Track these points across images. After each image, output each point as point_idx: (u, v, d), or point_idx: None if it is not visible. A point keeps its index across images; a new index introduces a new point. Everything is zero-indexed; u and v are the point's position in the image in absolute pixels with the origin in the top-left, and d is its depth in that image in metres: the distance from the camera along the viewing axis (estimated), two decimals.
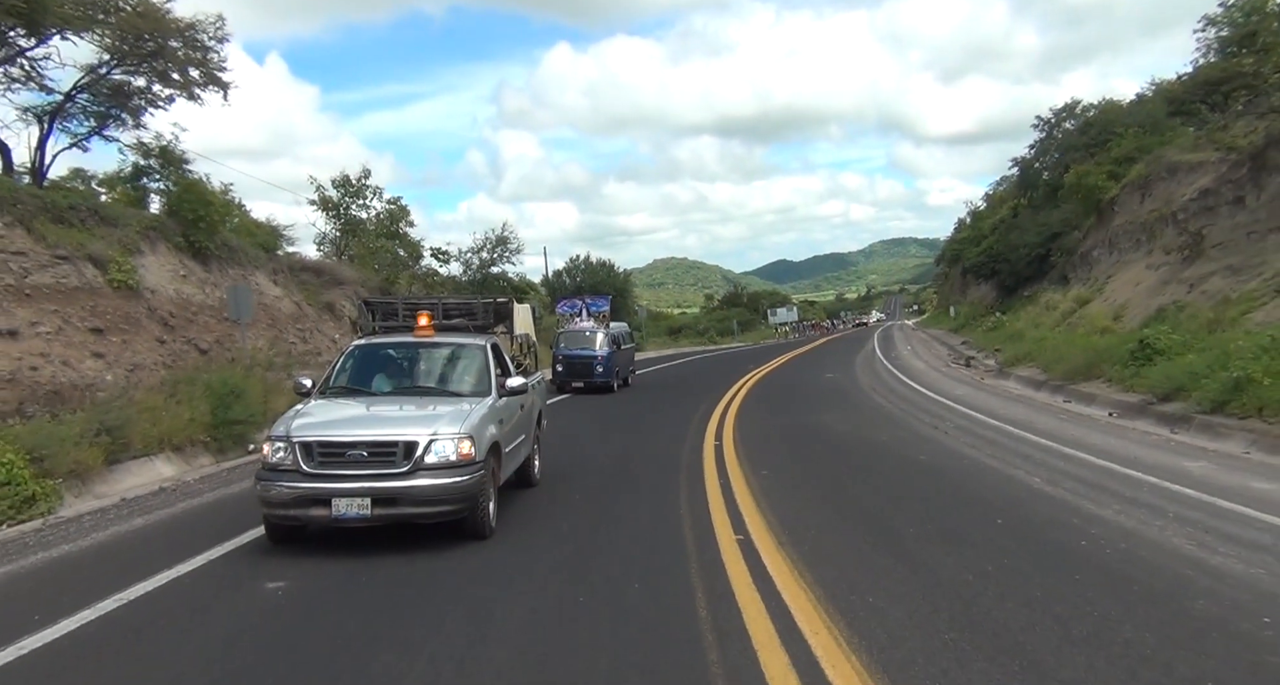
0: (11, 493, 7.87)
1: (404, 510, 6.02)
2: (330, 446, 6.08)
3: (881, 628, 4.39)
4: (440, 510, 6.07)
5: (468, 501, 6.14)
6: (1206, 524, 6.37)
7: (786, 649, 4.12)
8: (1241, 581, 5.00)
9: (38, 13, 12.18)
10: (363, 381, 7.43)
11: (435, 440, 6.08)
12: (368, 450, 6.06)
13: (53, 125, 15.55)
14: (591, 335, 20.37)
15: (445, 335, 8.03)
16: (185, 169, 17.98)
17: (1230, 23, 23.39)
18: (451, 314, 8.56)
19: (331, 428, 6.32)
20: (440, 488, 6.00)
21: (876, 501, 7.73)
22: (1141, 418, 12.49)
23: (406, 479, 5.98)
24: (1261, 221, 18.42)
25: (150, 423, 10.28)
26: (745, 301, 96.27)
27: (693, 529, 6.68)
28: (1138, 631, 4.23)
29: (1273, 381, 10.53)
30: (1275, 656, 3.90)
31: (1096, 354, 16.79)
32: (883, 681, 3.72)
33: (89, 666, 4.26)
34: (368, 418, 6.72)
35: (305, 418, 6.45)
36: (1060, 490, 7.81)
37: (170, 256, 15.25)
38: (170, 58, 15.59)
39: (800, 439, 11.99)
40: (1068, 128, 39.49)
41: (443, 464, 6.05)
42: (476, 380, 7.34)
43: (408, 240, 33.34)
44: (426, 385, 7.47)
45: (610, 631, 4.51)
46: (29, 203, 12.26)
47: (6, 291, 10.95)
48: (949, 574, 5.34)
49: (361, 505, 5.91)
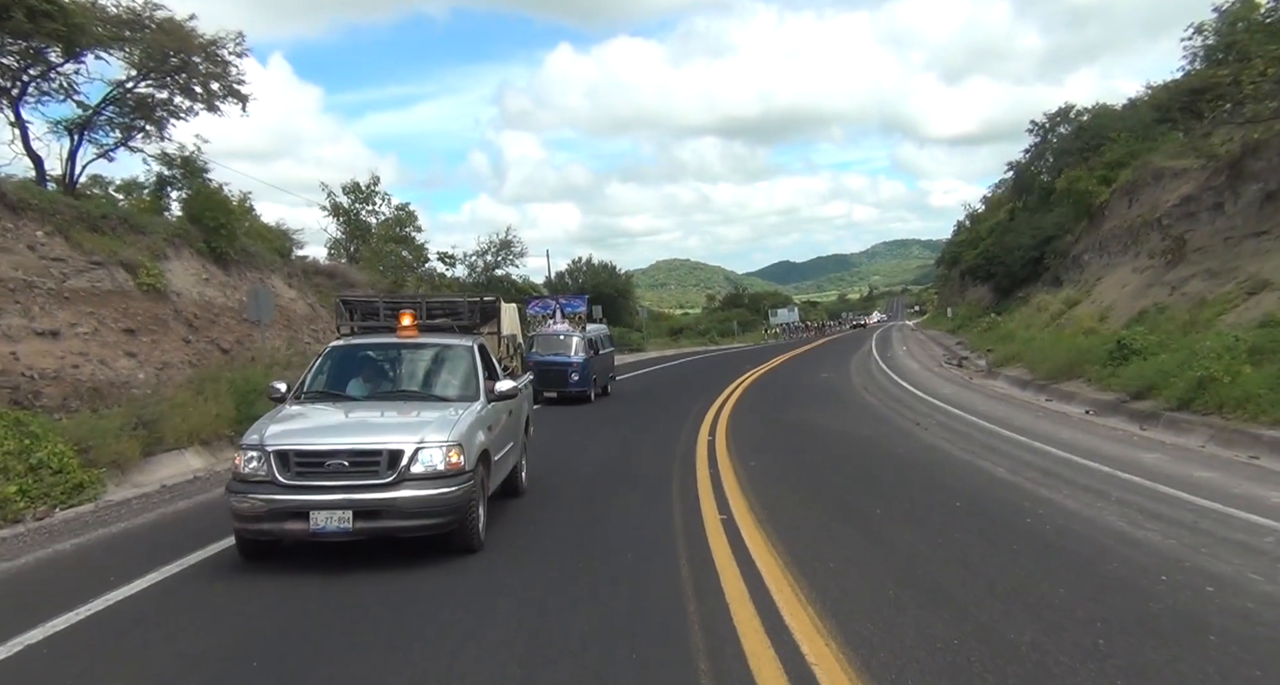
0: (63, 480, 8.64)
1: (388, 524, 5.65)
2: (308, 456, 5.70)
3: (836, 585, 5.15)
4: (427, 523, 5.72)
5: (456, 514, 5.80)
6: (1142, 505, 7.11)
7: (754, 601, 4.88)
8: (1154, 550, 5.75)
9: (75, 34, 13.05)
10: (341, 385, 7.03)
11: (422, 448, 5.73)
12: (349, 459, 5.68)
13: (83, 137, 16.42)
14: (566, 339, 18.60)
15: (429, 336, 7.60)
16: (205, 178, 18.84)
17: (1216, 31, 24.07)
18: (435, 313, 8.16)
19: (309, 435, 6.01)
20: (427, 499, 5.66)
21: (850, 488, 8.49)
22: (1115, 415, 13.20)
23: (391, 490, 5.62)
24: (1238, 227, 19.14)
25: (180, 418, 11.04)
26: (746, 302, 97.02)
27: (682, 513, 7.44)
28: (1052, 587, 4.98)
29: (1233, 380, 11.25)
30: (1158, 604, 4.65)
31: (1079, 354, 17.48)
32: (831, 624, 4.47)
33: (162, 607, 5.04)
34: (348, 424, 6.33)
35: (280, 424, 6.09)
36: (1019, 478, 8.55)
37: (193, 261, 16.08)
38: (193, 72, 16.46)
39: (788, 435, 12.74)
40: (1062, 132, 40.18)
41: (430, 474, 5.71)
42: (463, 384, 6.97)
43: (414, 243, 34.27)
44: (410, 389, 7.10)
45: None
46: (66, 212, 13.08)
47: (49, 295, 11.76)
48: (903, 545, 6.10)
49: (342, 519, 5.54)
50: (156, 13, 15.68)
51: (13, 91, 15.01)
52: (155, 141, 17.67)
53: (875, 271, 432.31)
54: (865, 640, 4.21)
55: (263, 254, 19.44)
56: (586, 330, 19.46)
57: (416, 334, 7.48)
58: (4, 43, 13.43)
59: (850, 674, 3.81)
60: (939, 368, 27.59)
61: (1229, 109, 19.68)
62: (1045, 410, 14.73)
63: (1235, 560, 5.43)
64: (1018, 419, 13.50)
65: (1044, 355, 19.37)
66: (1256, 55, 17.46)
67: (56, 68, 15.10)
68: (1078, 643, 4.11)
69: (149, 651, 4.46)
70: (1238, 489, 7.63)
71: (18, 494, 7.91)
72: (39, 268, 11.96)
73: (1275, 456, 9.02)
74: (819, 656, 4.02)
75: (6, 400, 9.85)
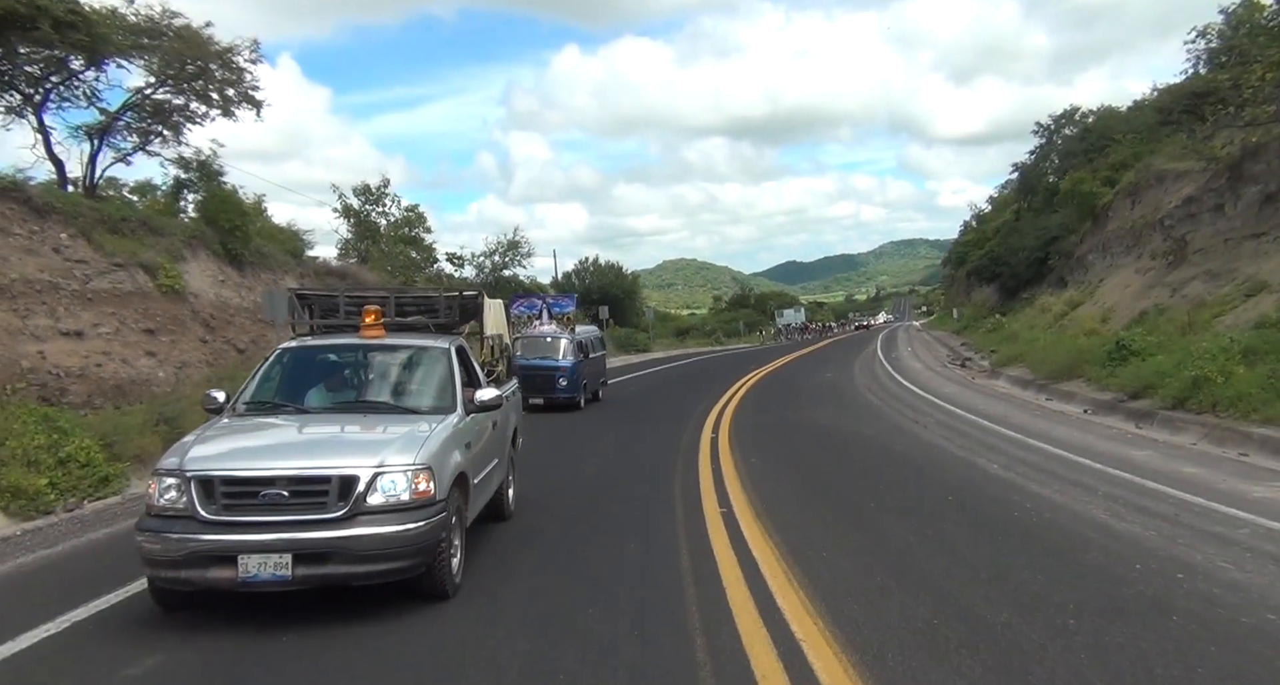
0: (90, 473, 9.01)
1: (338, 570, 4.61)
2: (238, 483, 4.67)
3: (828, 572, 5.46)
4: (388, 568, 4.69)
5: (424, 555, 4.77)
6: (1127, 499, 7.38)
7: (749, 586, 5.19)
8: (1133, 541, 6.03)
9: (98, 44, 13.49)
10: (291, 395, 6.02)
11: (382, 473, 4.73)
12: (289, 488, 4.64)
13: (102, 142, 16.87)
14: (553, 342, 17.26)
15: (399, 336, 6.64)
16: (221, 181, 19.30)
17: (1220, 35, 24.26)
18: (407, 310, 7.21)
19: (241, 457, 4.94)
20: (388, 538, 4.63)
21: (847, 482, 8.80)
22: (1112, 414, 13.44)
23: (342, 527, 4.60)
24: (1238, 229, 19.35)
25: (200, 415, 11.42)
26: (753, 303, 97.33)
27: (684, 504, 7.75)
28: (1032, 574, 5.28)
29: (1226, 380, 11.50)
30: (1129, 589, 4.94)
31: (1079, 354, 17.71)
32: (820, 606, 4.78)
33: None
34: (291, 444, 5.28)
35: (207, 444, 5.04)
36: (1012, 474, 8.82)
37: (210, 263, 16.50)
38: (209, 79, 16.91)
39: (790, 434, 13.03)
40: (1068, 134, 40.36)
41: (392, 506, 4.70)
42: (438, 393, 5.98)
43: (422, 244, 34.79)
44: (373, 400, 6.09)
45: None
46: (88, 215, 13.51)
47: (73, 297, 12.18)
48: (894, 536, 6.40)
49: (279, 564, 4.52)
50: (174, 21, 16.14)
51: (35, 98, 15.47)
52: (172, 146, 18.17)
53: (883, 271, 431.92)
54: (851, 620, 4.52)
55: (276, 255, 19.87)
56: (576, 332, 18.17)
57: (383, 334, 6.48)
58: (30, 52, 13.87)
59: (834, 648, 4.12)
60: (942, 368, 27.82)
61: (1230, 112, 19.90)
62: (1044, 409, 14.97)
63: (1209, 550, 5.70)
64: (1016, 417, 13.76)
65: (1045, 356, 19.59)
66: (1256, 60, 17.69)
67: (79, 75, 15.57)
68: (1049, 623, 4.40)
69: (194, 618, 4.81)
70: (1222, 484, 7.89)
71: (48, 486, 8.27)
72: (63, 270, 12.37)
73: (1264, 453, 9.26)
74: (807, 633, 4.33)
75: (35, 397, 10.24)
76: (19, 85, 15.07)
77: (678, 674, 3.93)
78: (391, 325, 6.80)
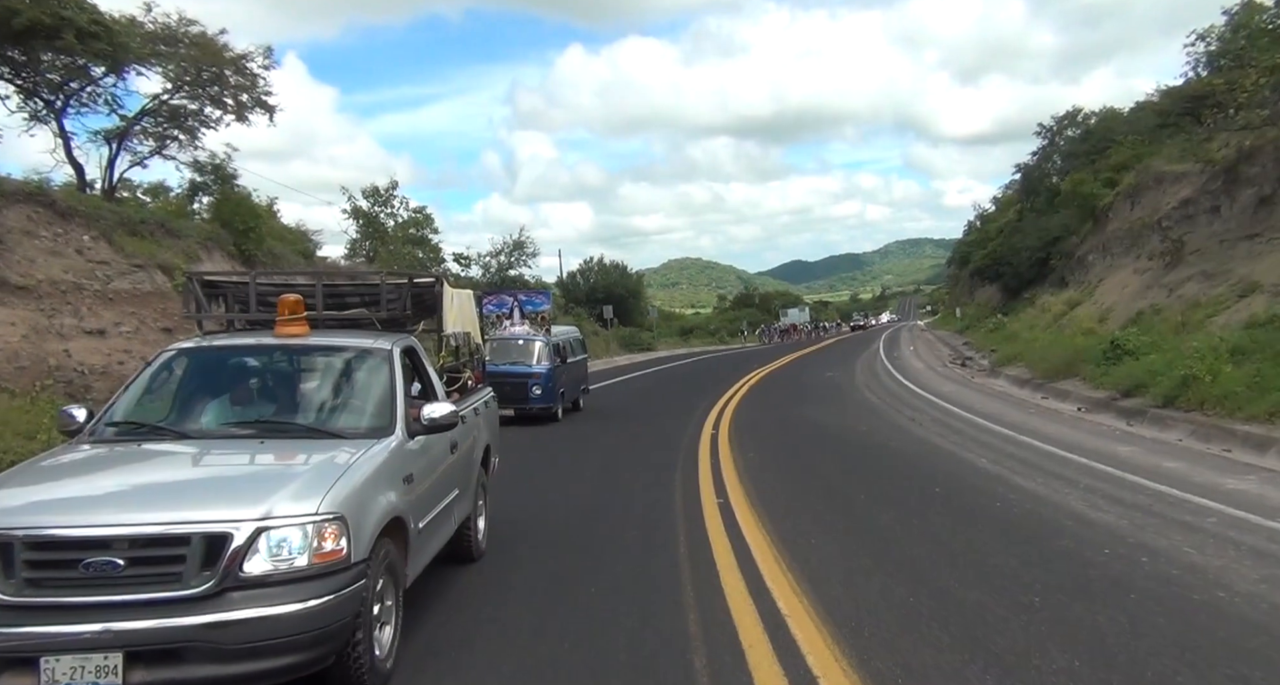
0: None
1: (196, 673, 3.19)
2: (51, 546, 3.28)
3: (816, 558, 5.83)
4: (275, 666, 3.27)
5: (330, 642, 3.41)
6: (1105, 491, 7.74)
7: (741, 570, 5.57)
8: (1106, 529, 6.39)
9: (120, 53, 13.95)
10: (172, 414, 4.66)
11: (269, 528, 3.35)
12: (130, 552, 3.25)
13: (120, 146, 17.36)
14: (526, 345, 15.18)
15: (327, 335, 5.26)
16: (235, 184, 19.79)
17: (1219, 37, 24.56)
18: (344, 301, 5.86)
19: (60, 510, 3.49)
20: (276, 621, 3.26)
21: (840, 476, 9.18)
22: (1105, 412, 13.77)
23: (206, 608, 3.22)
24: (1233, 230, 19.64)
25: None
26: (757, 302, 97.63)
27: (683, 498, 8.13)
28: (1006, 558, 5.65)
29: (1214, 379, 11.83)
30: (1095, 571, 5.31)
31: (1076, 354, 18.05)
32: (806, 586, 5.15)
33: None
34: (142, 488, 3.81)
35: (19, 488, 3.69)
36: (999, 468, 9.18)
37: (224, 263, 16.93)
38: (224, 85, 17.38)
39: (788, 431, 13.39)
40: (1070, 135, 40.61)
41: (282, 575, 3.34)
42: (375, 410, 4.62)
43: (430, 245, 35.29)
44: (283, 421, 4.59)
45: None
46: (109, 217, 13.96)
47: (95, 297, 12.62)
48: (881, 525, 6.77)
49: (104, 669, 3.10)
50: (190, 28, 16.60)
51: (57, 104, 15.95)
52: (188, 150, 18.67)
53: (888, 271, 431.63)
54: (834, 599, 4.89)
55: (287, 256, 20.33)
56: (552, 333, 16.02)
57: (306, 332, 5.05)
58: (53, 61, 14.35)
59: (816, 622, 4.49)
60: (943, 367, 28.14)
61: (1226, 116, 20.20)
62: (1039, 407, 15.30)
63: (1175, 537, 6.06)
64: (1009, 415, 14.10)
65: (1043, 355, 19.93)
66: (1251, 64, 18.01)
67: (98, 82, 16.05)
68: (1016, 600, 4.77)
69: None
70: (1199, 477, 8.24)
71: None
72: (86, 270, 12.82)
73: (1245, 449, 9.60)
74: (792, 610, 4.71)
75: (61, 393, 10.69)
76: (41, 92, 15.56)
77: (673, 642, 4.31)
78: (320, 321, 5.40)
